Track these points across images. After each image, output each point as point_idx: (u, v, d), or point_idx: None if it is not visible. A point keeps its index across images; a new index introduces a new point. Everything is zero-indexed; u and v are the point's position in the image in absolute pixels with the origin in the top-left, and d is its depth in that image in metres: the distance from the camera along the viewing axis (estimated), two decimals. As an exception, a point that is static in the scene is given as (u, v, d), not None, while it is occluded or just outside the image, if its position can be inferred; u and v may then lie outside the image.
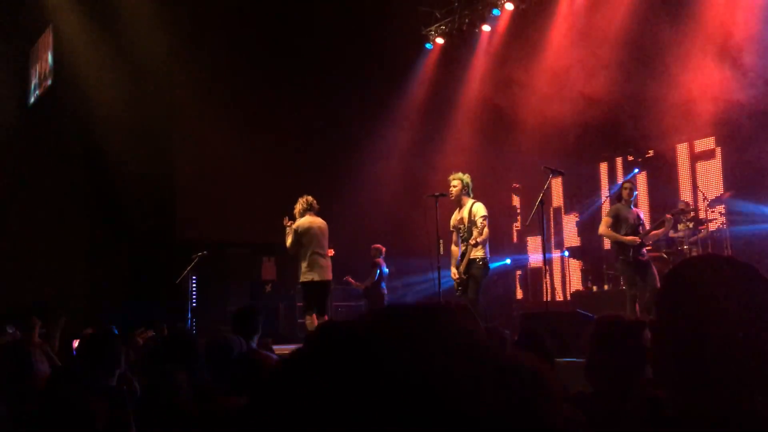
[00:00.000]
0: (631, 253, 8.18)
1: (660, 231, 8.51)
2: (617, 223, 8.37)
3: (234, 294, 12.99)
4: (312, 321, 8.23)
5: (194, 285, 12.34)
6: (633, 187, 8.62)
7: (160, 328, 6.61)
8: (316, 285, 8.33)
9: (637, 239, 8.17)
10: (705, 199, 10.02)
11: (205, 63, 12.25)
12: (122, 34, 11.98)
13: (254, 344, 4.98)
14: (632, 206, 8.52)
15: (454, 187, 7.87)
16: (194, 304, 12.31)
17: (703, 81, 9.73)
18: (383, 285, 11.74)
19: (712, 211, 9.99)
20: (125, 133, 12.12)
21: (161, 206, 12.94)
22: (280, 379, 0.86)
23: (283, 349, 8.70)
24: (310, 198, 8.51)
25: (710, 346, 1.27)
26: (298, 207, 8.47)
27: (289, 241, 8.38)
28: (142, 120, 12.25)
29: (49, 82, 13.88)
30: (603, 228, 8.54)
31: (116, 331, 4.53)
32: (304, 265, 8.33)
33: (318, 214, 8.53)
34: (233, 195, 12.64)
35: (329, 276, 8.45)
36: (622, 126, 11.39)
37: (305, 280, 8.38)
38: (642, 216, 8.56)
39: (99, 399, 3.08)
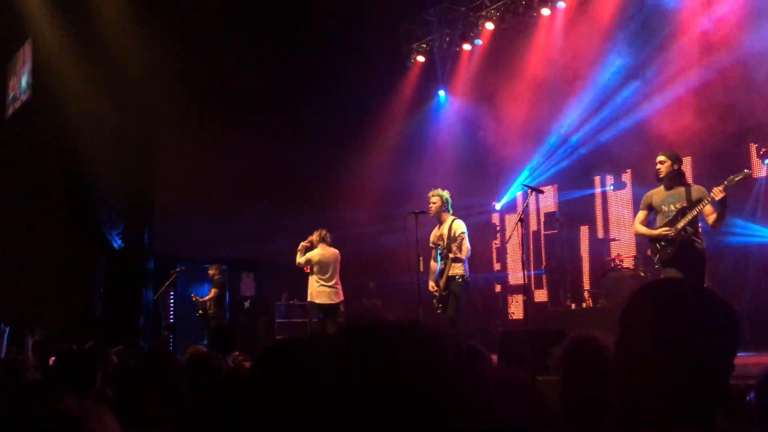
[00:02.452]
0: (657, 253, 6.50)
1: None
2: (653, 213, 6.66)
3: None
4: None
5: (171, 301, 12.25)
6: (671, 160, 6.47)
7: (135, 345, 6.54)
8: (317, 306, 9.51)
9: (669, 231, 6.36)
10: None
11: (185, 78, 12.20)
12: (101, 49, 11.90)
13: (230, 361, 4.95)
14: (673, 185, 6.44)
15: (434, 203, 7.91)
16: (171, 320, 12.21)
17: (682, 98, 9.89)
18: (226, 302, 11.66)
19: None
20: (103, 147, 12.01)
21: (140, 221, 12.84)
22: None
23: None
24: (323, 231, 9.66)
25: (663, 367, 1.33)
26: (315, 237, 9.60)
27: (299, 259, 9.53)
28: (120, 134, 12.15)
29: (27, 95, 13.76)
30: (635, 224, 6.87)
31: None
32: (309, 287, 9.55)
33: (323, 240, 9.60)
34: (212, 210, 12.57)
35: (332, 300, 9.50)
36: (606, 144, 11.50)
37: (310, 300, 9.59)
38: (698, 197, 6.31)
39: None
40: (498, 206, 13.85)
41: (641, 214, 6.75)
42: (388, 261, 12.75)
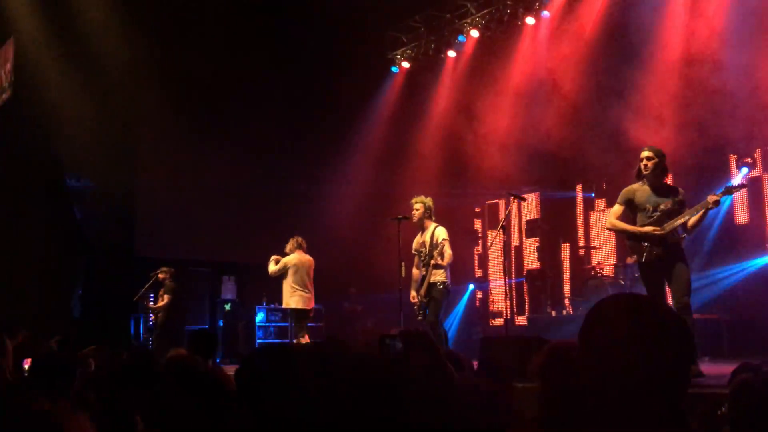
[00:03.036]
0: (642, 253, 6.24)
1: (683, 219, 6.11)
2: (631, 209, 6.41)
3: (193, 313, 12.84)
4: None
5: (152, 303, 12.17)
6: (658, 157, 6.18)
7: (115, 348, 6.47)
8: (294, 311, 9.68)
9: (659, 231, 6.11)
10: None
11: (168, 79, 12.15)
12: (85, 48, 11.83)
13: (211, 365, 4.94)
14: (656, 184, 6.22)
15: (417, 210, 7.93)
16: (150, 324, 12.13)
17: (659, 108, 9.99)
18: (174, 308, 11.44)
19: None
20: (85, 147, 11.94)
21: (121, 222, 12.76)
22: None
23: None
24: (299, 238, 9.91)
25: (618, 383, 1.39)
26: (291, 244, 9.82)
27: (271, 268, 9.69)
28: (103, 135, 12.08)
29: (8, 94, 13.62)
30: (609, 218, 6.60)
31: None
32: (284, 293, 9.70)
33: (300, 247, 9.84)
34: (194, 213, 12.52)
35: (307, 305, 9.70)
36: (586, 154, 11.58)
37: (286, 306, 9.76)
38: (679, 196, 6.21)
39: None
40: (482, 212, 13.94)
41: (618, 209, 6.42)
42: (370, 266, 12.77)
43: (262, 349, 2.58)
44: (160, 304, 11.07)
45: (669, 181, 6.67)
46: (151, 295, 12.09)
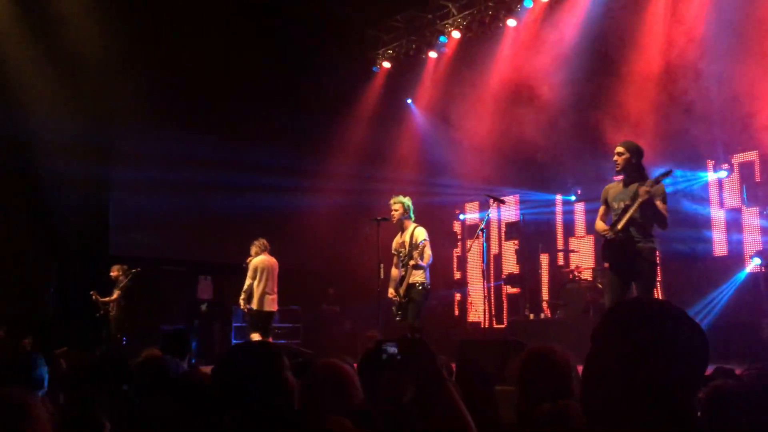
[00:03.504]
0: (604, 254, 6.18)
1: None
2: (607, 208, 6.25)
3: (168, 313, 12.68)
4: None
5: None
6: (630, 152, 6.02)
7: (89, 349, 6.39)
8: (268, 314, 9.58)
9: (607, 232, 6.04)
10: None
11: (145, 75, 11.99)
12: (59, 42, 11.64)
13: (185, 366, 4.86)
14: (629, 180, 6.02)
15: (395, 210, 7.89)
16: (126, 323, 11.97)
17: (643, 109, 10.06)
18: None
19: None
20: (59, 144, 11.75)
21: (95, 221, 12.58)
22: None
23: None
24: (263, 240, 9.81)
25: (638, 387, 1.35)
26: (258, 246, 9.74)
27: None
28: (77, 132, 11.89)
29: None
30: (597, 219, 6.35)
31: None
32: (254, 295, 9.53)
33: (265, 249, 9.77)
34: (170, 211, 12.37)
35: (274, 308, 9.69)
36: (565, 157, 11.62)
37: (255, 309, 9.54)
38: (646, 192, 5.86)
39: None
40: (462, 216, 13.94)
41: (600, 210, 6.31)
42: (349, 268, 12.72)
43: (243, 346, 2.52)
44: (109, 298, 10.89)
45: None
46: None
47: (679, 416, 1.34)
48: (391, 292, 7.79)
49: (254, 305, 9.48)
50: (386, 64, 13.94)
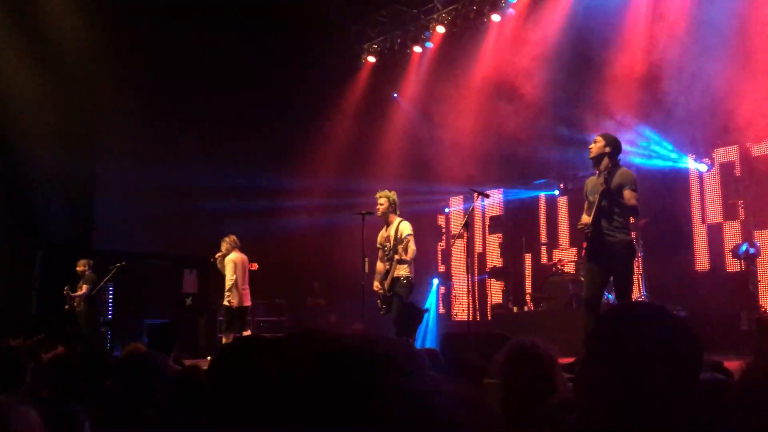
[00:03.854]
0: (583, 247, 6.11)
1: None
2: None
3: (153, 307, 12.62)
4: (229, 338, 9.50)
5: (111, 297, 11.97)
6: (605, 142, 6.01)
7: (71, 344, 6.35)
8: (245, 309, 9.86)
9: (580, 225, 6.00)
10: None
11: (130, 68, 11.91)
12: (42, 36, 11.54)
13: (171, 360, 4.85)
14: (606, 173, 5.89)
15: (381, 204, 7.90)
16: (110, 317, 11.92)
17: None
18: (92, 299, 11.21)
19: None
20: (42, 137, 11.64)
21: (79, 214, 12.49)
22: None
23: (202, 364, 8.52)
24: (233, 236, 10.03)
25: (636, 389, 1.35)
26: (228, 243, 9.94)
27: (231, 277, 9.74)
28: (61, 124, 11.80)
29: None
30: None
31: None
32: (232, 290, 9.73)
33: (236, 245, 10.01)
34: (155, 205, 12.32)
35: (249, 303, 10.01)
36: (549, 152, 11.68)
37: (234, 305, 9.72)
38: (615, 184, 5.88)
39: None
40: (447, 209, 13.99)
41: (585, 204, 6.25)
42: (334, 261, 12.73)
43: (247, 341, 2.51)
44: (78, 293, 10.86)
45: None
46: (110, 288, 11.89)
47: (674, 419, 1.36)
48: (376, 285, 7.82)
49: (235, 301, 9.70)
50: (371, 59, 13.94)
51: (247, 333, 9.70)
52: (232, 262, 9.75)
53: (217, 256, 9.93)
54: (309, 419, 0.76)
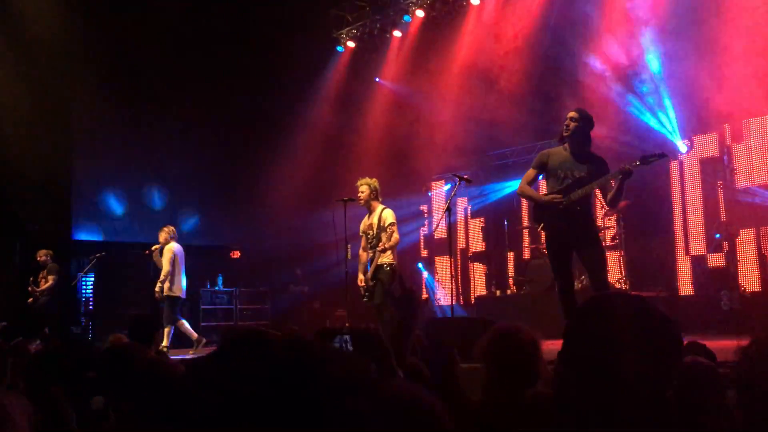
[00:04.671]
0: (544, 224, 5.88)
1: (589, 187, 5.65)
2: (546, 175, 5.95)
3: (134, 298, 12.53)
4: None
5: (91, 288, 11.86)
6: (584, 119, 5.75)
7: (50, 337, 6.29)
8: (178, 299, 9.84)
9: (560, 200, 5.70)
10: (602, 207, 10.43)
11: (105, 55, 11.76)
12: (15, 21, 11.35)
13: (153, 351, 4.82)
14: (577, 150, 5.73)
15: (362, 192, 7.86)
16: (91, 308, 11.83)
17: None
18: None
19: (609, 220, 10.39)
20: (18, 127, 11.48)
21: (58, 205, 12.35)
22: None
23: (185, 352, 8.50)
24: (172, 227, 10.05)
25: (615, 382, 1.34)
26: (167, 233, 9.93)
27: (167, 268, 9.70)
28: (37, 114, 11.64)
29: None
30: (521, 183, 6.05)
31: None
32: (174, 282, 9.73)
33: (174, 236, 10.04)
34: (135, 194, 12.21)
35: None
36: (529, 136, 11.69)
37: (173, 295, 9.73)
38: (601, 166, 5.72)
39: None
40: (429, 193, 13.99)
41: (530, 173, 5.93)
42: (316, 248, 12.69)
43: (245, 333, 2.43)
44: (45, 286, 10.68)
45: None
46: (91, 279, 11.79)
47: (652, 410, 1.35)
48: (360, 278, 7.75)
49: (175, 291, 9.70)
50: (351, 44, 13.84)
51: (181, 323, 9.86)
52: (172, 251, 9.76)
53: (153, 248, 9.92)
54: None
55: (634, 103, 10.35)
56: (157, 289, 9.69)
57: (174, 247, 9.83)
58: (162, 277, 9.65)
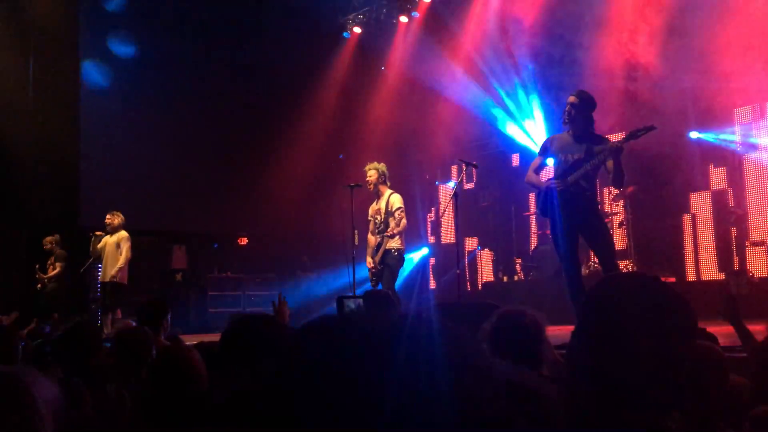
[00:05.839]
0: (544, 207, 5.88)
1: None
2: (544, 159, 6.02)
3: (142, 283, 12.59)
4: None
5: (99, 274, 11.90)
6: (578, 102, 5.72)
7: (59, 323, 6.31)
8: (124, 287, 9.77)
9: (558, 184, 5.74)
10: (610, 193, 10.40)
11: (110, 38, 11.76)
12: (22, 9, 11.34)
13: (163, 337, 4.84)
14: (579, 133, 5.75)
15: (371, 177, 7.85)
16: (99, 294, 11.87)
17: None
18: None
19: (616, 205, 10.35)
20: (25, 113, 11.50)
21: (64, 192, 12.38)
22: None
23: (193, 339, 8.53)
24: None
25: (630, 363, 1.32)
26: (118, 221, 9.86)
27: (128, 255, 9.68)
28: (45, 100, 11.65)
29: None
30: (528, 170, 6.17)
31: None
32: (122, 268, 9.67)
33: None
34: (142, 180, 12.22)
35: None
36: (533, 120, 11.64)
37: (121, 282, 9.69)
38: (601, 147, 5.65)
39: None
40: (437, 182, 13.96)
41: (536, 160, 6.07)
42: (323, 234, 12.71)
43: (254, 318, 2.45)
44: (52, 272, 10.70)
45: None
46: (99, 266, 11.81)
47: (665, 390, 1.33)
48: (369, 261, 7.78)
49: (124, 279, 9.65)
50: (357, 30, 13.78)
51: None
52: (128, 239, 9.71)
53: (98, 233, 9.82)
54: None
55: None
56: (114, 273, 9.53)
57: (125, 235, 9.77)
58: (122, 264, 9.59)
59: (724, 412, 2.28)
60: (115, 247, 9.65)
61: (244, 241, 14.11)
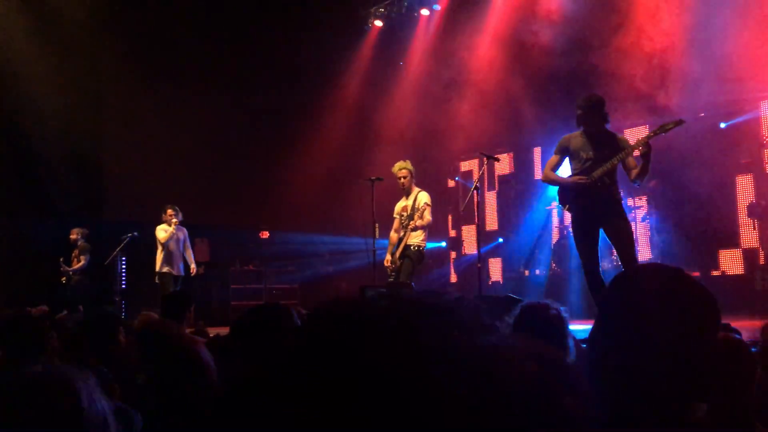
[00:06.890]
0: (569, 204, 5.99)
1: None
2: (570, 159, 6.06)
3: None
4: None
5: (124, 267, 12.04)
6: (589, 105, 5.82)
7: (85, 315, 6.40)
8: None
9: (582, 180, 5.77)
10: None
11: (135, 37, 11.84)
12: (46, 8, 11.45)
13: (185, 328, 4.90)
14: (594, 131, 5.83)
15: (404, 177, 7.82)
16: (124, 286, 12.01)
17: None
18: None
19: (639, 199, 10.27)
20: (50, 110, 11.62)
21: (89, 186, 12.52)
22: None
23: (214, 331, 8.61)
24: None
25: (652, 355, 1.30)
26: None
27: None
28: (69, 96, 11.76)
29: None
30: (545, 169, 6.27)
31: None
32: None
33: None
34: (165, 174, 12.31)
35: None
36: (557, 114, 11.55)
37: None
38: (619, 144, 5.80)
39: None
40: (457, 177, 13.92)
41: (553, 159, 6.11)
42: (344, 228, 12.75)
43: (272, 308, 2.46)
44: (77, 265, 10.84)
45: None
46: (123, 258, 11.95)
47: (688, 381, 1.31)
48: (387, 258, 7.78)
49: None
50: (378, 23, 13.77)
51: None
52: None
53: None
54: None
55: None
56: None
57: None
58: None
59: (760, 409, 2.26)
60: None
61: (265, 234, 14.20)
